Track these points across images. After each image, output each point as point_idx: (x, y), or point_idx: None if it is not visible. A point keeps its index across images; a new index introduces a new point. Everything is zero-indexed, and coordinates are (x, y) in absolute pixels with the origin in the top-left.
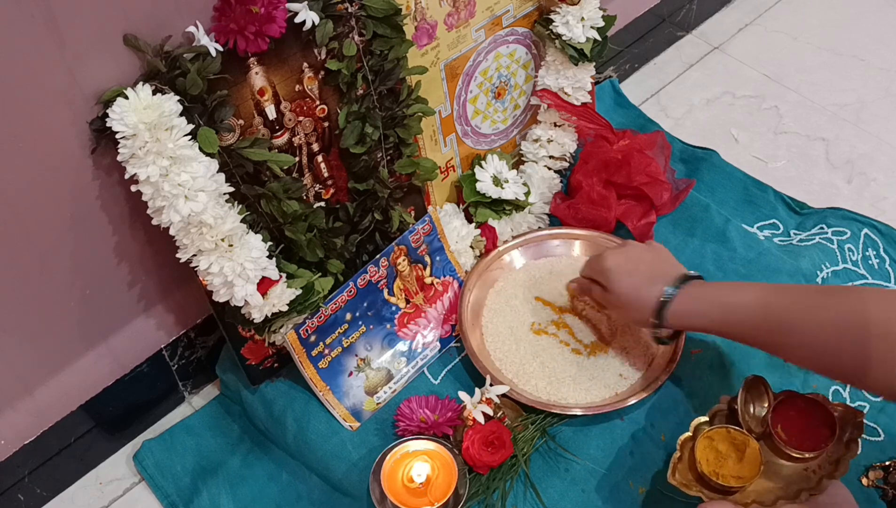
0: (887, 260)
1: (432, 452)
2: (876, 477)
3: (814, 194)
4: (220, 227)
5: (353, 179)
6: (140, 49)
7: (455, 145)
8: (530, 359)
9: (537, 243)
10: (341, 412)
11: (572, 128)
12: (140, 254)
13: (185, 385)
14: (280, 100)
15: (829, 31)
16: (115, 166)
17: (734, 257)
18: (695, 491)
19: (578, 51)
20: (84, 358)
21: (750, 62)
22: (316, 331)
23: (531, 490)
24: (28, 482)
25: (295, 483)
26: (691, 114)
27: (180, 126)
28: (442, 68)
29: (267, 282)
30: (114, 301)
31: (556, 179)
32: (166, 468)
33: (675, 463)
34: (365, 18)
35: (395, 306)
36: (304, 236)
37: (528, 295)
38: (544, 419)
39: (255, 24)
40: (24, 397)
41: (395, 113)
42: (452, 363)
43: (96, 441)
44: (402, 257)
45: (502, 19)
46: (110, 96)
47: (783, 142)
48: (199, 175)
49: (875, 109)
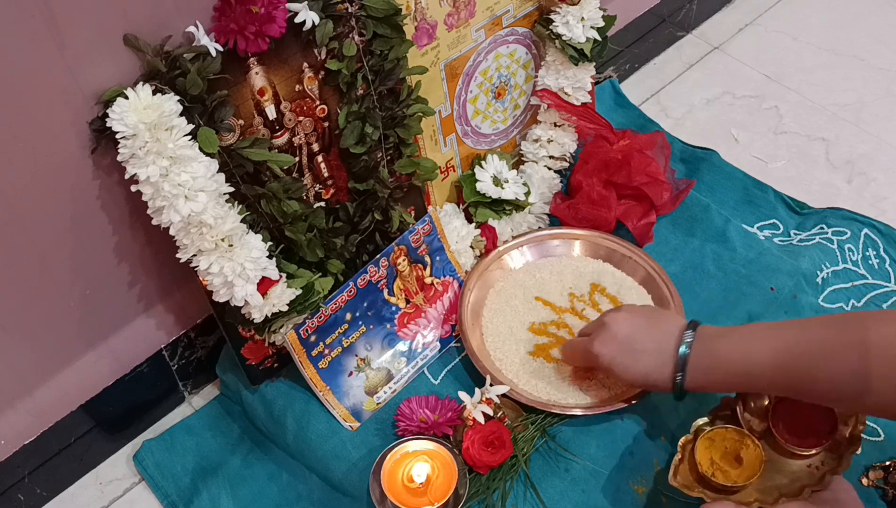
0: (887, 260)
1: (432, 452)
2: (876, 477)
3: (814, 194)
4: (220, 227)
5: (353, 179)
6: (140, 49)
7: (455, 145)
8: (530, 359)
9: (537, 243)
10: (341, 412)
11: (572, 128)
12: (140, 254)
13: (185, 385)
14: (280, 100)
15: (829, 31)
16: (115, 166)
17: (734, 257)
18: (696, 492)
19: (578, 51)
20: (84, 358)
21: (750, 62)
22: (316, 331)
23: (531, 490)
24: (28, 482)
25: (295, 483)
26: (691, 114)
27: (180, 126)
28: (442, 68)
29: (267, 282)
30: (114, 301)
31: (556, 179)
32: (166, 468)
33: (676, 465)
34: (365, 18)
35: (395, 306)
36: (304, 236)
37: (528, 295)
38: (544, 419)
39: (255, 24)
40: (24, 397)
41: (395, 113)
42: (452, 363)
43: (96, 441)
44: (402, 257)
45: (502, 19)
46: (110, 96)
47: (783, 142)
48: (199, 175)
49: (875, 109)
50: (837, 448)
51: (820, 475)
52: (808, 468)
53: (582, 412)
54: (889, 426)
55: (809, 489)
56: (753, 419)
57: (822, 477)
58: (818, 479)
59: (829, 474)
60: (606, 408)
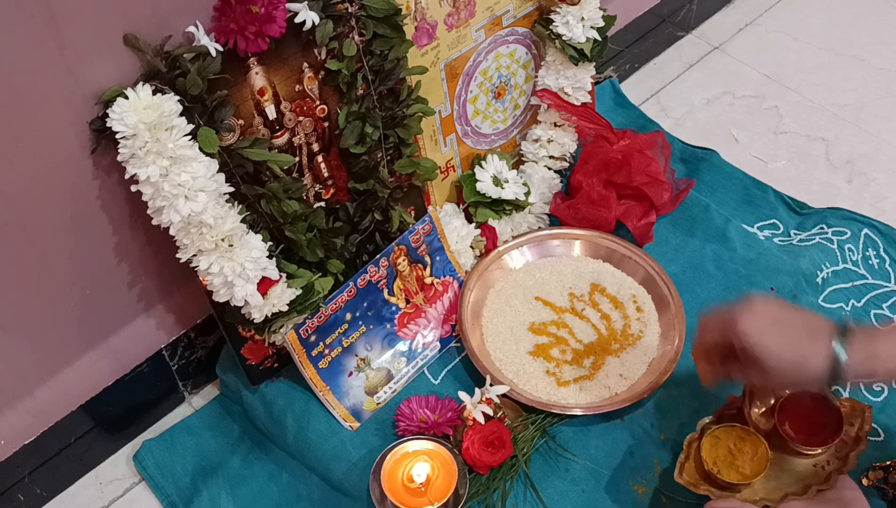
0: (887, 260)
1: (432, 452)
2: (876, 477)
3: (814, 194)
4: (220, 227)
5: (353, 179)
6: (140, 49)
7: (455, 145)
8: (530, 359)
9: (537, 243)
10: (341, 412)
11: (572, 128)
12: (140, 254)
13: (185, 385)
14: (280, 100)
15: (829, 31)
16: (115, 166)
17: (734, 257)
18: (702, 490)
19: (578, 51)
20: (84, 358)
21: (750, 62)
22: (316, 331)
23: (531, 490)
24: (28, 482)
25: (295, 483)
26: (691, 114)
27: (180, 126)
28: (442, 68)
29: (267, 282)
30: (114, 301)
31: (556, 179)
32: (166, 468)
33: (682, 463)
34: (365, 18)
35: (395, 306)
36: (304, 236)
37: (528, 295)
38: (544, 419)
39: (255, 24)
40: (24, 397)
41: (395, 113)
42: (452, 363)
43: (96, 441)
44: (402, 257)
45: (502, 19)
46: (110, 96)
47: (783, 142)
48: (199, 175)
49: (875, 109)
50: (843, 448)
51: (826, 474)
52: (814, 467)
53: (582, 412)
54: (889, 426)
55: (815, 487)
56: (760, 417)
57: (828, 477)
58: (824, 478)
59: (834, 473)
60: (606, 408)
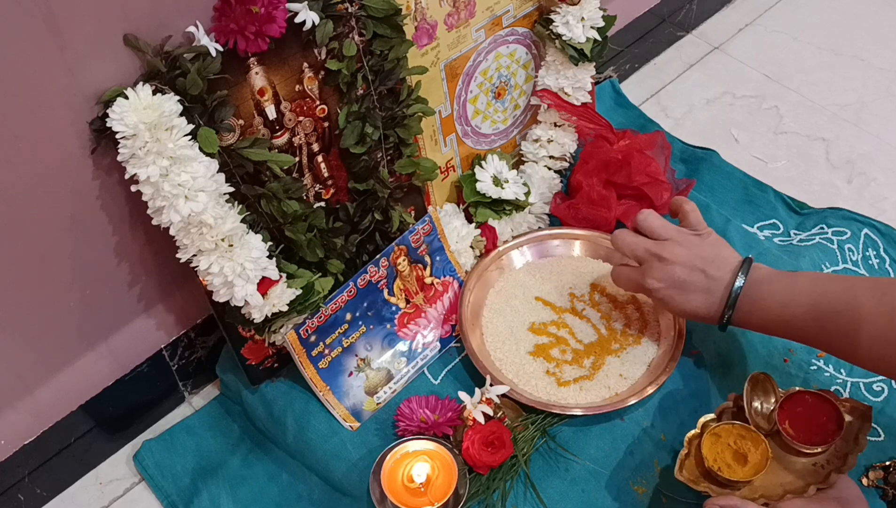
0: (887, 260)
1: (432, 452)
2: (876, 477)
3: (814, 194)
4: (220, 227)
5: (353, 179)
6: (140, 49)
7: (455, 145)
8: (530, 359)
9: (537, 243)
10: (341, 412)
11: (572, 128)
12: (140, 254)
13: (185, 385)
14: (280, 100)
15: (829, 31)
16: (115, 166)
17: None
18: (702, 487)
19: (578, 51)
20: (84, 358)
21: (750, 62)
22: (316, 331)
23: (531, 490)
24: (28, 482)
25: (295, 483)
26: (691, 114)
27: (180, 126)
28: (442, 68)
29: (267, 282)
30: (114, 301)
31: (556, 179)
32: (166, 468)
33: (682, 460)
34: (365, 18)
35: (395, 306)
36: (304, 236)
37: (528, 295)
38: (544, 419)
39: (255, 24)
40: (24, 397)
41: (395, 113)
42: (452, 363)
43: (96, 441)
44: (402, 257)
45: (502, 19)
46: (110, 96)
47: (783, 142)
48: (199, 175)
49: (875, 109)
50: (843, 448)
51: (825, 473)
52: (814, 466)
53: (582, 412)
54: (889, 426)
55: (814, 487)
56: (760, 416)
57: (828, 476)
58: (823, 477)
59: (834, 473)
60: (606, 408)
